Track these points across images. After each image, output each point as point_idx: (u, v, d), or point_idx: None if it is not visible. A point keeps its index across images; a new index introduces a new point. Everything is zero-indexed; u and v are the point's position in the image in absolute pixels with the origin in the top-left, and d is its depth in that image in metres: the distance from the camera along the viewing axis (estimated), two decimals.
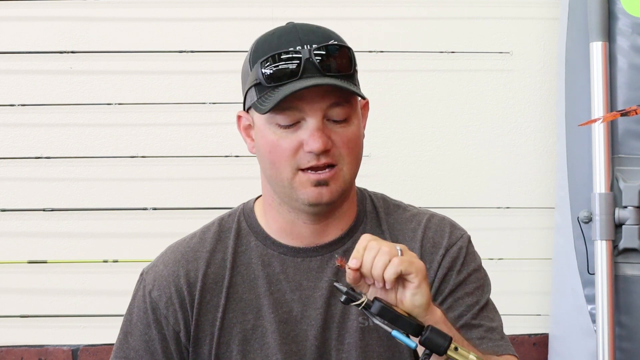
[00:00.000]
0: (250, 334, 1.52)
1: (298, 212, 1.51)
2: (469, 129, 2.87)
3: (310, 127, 1.44)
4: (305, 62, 1.43)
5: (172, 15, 2.77)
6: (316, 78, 1.43)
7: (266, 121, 1.47)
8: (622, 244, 2.58)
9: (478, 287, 1.56)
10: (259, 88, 1.46)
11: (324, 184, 1.45)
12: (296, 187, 1.46)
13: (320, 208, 1.48)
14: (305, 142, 1.44)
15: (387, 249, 1.31)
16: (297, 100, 1.43)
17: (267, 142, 1.47)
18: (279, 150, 1.46)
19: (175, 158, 2.75)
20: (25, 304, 2.73)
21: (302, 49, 1.44)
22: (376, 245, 1.32)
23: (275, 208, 1.53)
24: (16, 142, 2.73)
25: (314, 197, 1.46)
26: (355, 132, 1.48)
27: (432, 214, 1.61)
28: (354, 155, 1.48)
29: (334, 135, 1.45)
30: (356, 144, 1.48)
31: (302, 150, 1.45)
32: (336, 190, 1.47)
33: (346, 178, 1.47)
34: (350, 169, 1.48)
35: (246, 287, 1.53)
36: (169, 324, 1.53)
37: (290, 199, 1.48)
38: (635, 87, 2.59)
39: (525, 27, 2.87)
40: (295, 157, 1.45)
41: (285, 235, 1.54)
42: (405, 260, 1.31)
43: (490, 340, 1.51)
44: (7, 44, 2.72)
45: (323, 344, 1.52)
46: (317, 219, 1.52)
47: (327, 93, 1.44)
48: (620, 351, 2.57)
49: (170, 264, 1.55)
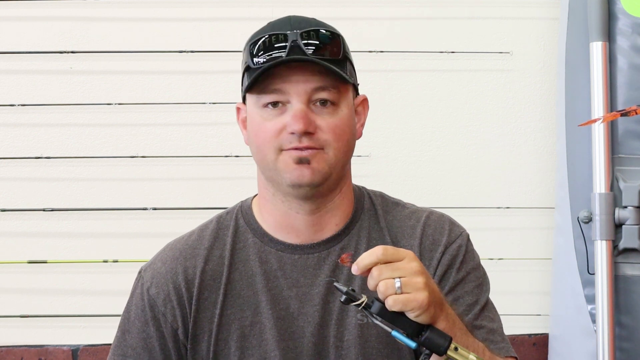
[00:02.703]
0: (248, 331, 1.52)
1: (291, 199, 1.51)
2: (469, 129, 2.87)
3: (293, 109, 1.45)
4: (291, 45, 1.45)
5: (172, 15, 2.77)
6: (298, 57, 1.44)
7: (254, 105, 1.48)
8: (622, 244, 2.58)
9: (477, 285, 1.56)
10: (249, 72, 1.48)
11: (306, 162, 1.45)
12: (280, 169, 1.47)
13: (304, 191, 1.48)
14: (287, 123, 1.45)
15: (384, 289, 1.27)
16: (282, 82, 1.45)
17: (254, 125, 1.49)
18: (263, 132, 1.47)
19: (175, 158, 2.75)
20: (25, 304, 2.73)
21: (290, 32, 1.46)
22: (377, 275, 1.28)
23: (269, 200, 1.54)
24: (16, 142, 2.74)
25: (295, 176, 1.45)
26: (344, 119, 1.48)
27: (430, 211, 1.61)
28: (342, 142, 1.48)
29: (320, 120, 1.46)
30: (343, 130, 1.48)
31: (286, 132, 1.45)
32: (318, 171, 1.46)
33: (331, 161, 1.47)
34: (336, 154, 1.47)
35: (244, 284, 1.53)
36: (167, 321, 1.53)
37: (276, 183, 1.49)
38: (635, 87, 2.59)
39: (525, 27, 2.87)
40: (278, 137, 1.46)
41: (282, 231, 1.54)
42: (399, 301, 1.28)
43: (492, 342, 1.51)
44: (7, 44, 2.72)
45: (321, 340, 1.52)
46: (308, 208, 1.52)
47: (313, 76, 1.45)
48: (620, 351, 2.57)
49: (168, 261, 1.56)
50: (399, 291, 1.28)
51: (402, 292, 1.28)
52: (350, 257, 1.33)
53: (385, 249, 1.30)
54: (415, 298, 1.28)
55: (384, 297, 1.28)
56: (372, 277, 1.29)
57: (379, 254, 1.29)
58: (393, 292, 1.28)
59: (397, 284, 1.28)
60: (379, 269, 1.28)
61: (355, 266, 1.30)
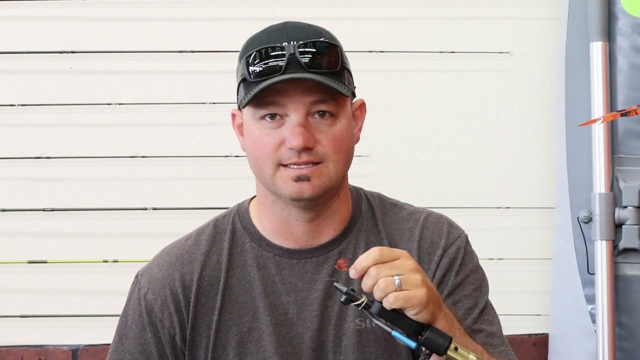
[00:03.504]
0: (246, 337, 1.52)
1: (290, 207, 1.50)
2: (469, 129, 2.87)
3: (292, 124, 1.44)
4: (289, 58, 1.43)
5: (172, 15, 2.77)
6: (298, 73, 1.42)
7: (252, 117, 1.47)
8: (622, 244, 2.58)
9: (476, 288, 1.56)
10: (245, 84, 1.47)
11: (305, 179, 1.45)
12: (277, 183, 1.46)
13: (304, 203, 1.48)
14: (286, 138, 1.44)
15: (384, 285, 1.27)
16: (280, 96, 1.43)
17: (252, 138, 1.48)
18: (261, 146, 1.46)
19: (175, 158, 2.75)
20: (25, 304, 2.73)
21: (287, 45, 1.44)
22: (375, 274, 1.29)
23: (269, 207, 1.53)
24: (16, 142, 2.73)
25: (294, 192, 1.45)
26: (342, 131, 1.47)
27: (429, 213, 1.60)
28: (342, 154, 1.47)
29: (319, 134, 1.45)
30: (343, 142, 1.47)
31: (284, 147, 1.44)
32: (319, 186, 1.45)
33: (331, 176, 1.46)
34: (336, 167, 1.47)
35: (242, 289, 1.53)
36: (164, 327, 1.52)
37: (275, 194, 1.49)
38: (635, 87, 2.59)
39: (525, 27, 2.87)
40: (277, 152, 1.45)
41: (280, 236, 1.54)
42: (400, 297, 1.28)
43: (492, 346, 1.51)
44: (7, 44, 2.72)
45: (319, 346, 1.52)
46: (308, 215, 1.51)
47: (310, 89, 1.44)
48: (620, 351, 2.57)
49: (165, 266, 1.55)
50: (398, 288, 1.28)
51: (402, 289, 1.28)
52: (347, 262, 1.33)
53: (381, 250, 1.30)
54: (416, 294, 1.28)
55: (385, 294, 1.27)
56: (369, 276, 1.28)
57: (376, 255, 1.29)
58: (393, 289, 1.27)
59: (396, 281, 1.28)
60: (377, 268, 1.28)
61: (352, 270, 1.29)
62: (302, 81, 1.43)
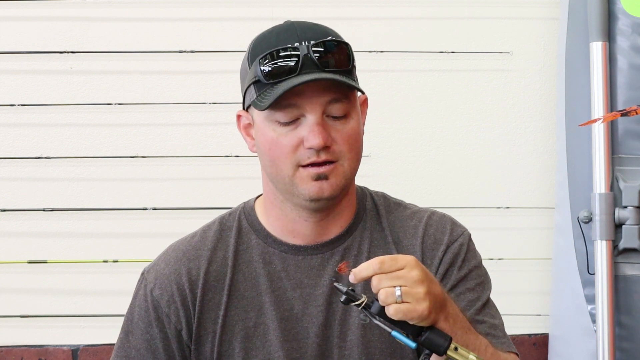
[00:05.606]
0: (252, 332, 1.52)
1: (300, 209, 1.51)
2: (469, 129, 2.87)
3: (310, 123, 1.44)
4: (303, 58, 1.44)
5: (172, 15, 2.77)
6: (315, 73, 1.43)
7: (266, 119, 1.47)
8: (622, 244, 2.58)
9: (479, 283, 1.57)
10: (258, 85, 1.47)
11: (324, 178, 1.45)
12: (297, 183, 1.46)
13: (322, 203, 1.49)
14: (305, 138, 1.44)
15: (384, 297, 1.28)
16: (296, 96, 1.44)
17: (267, 139, 1.48)
18: (279, 148, 1.46)
19: (175, 158, 2.75)
20: (25, 304, 2.73)
21: (300, 45, 1.45)
22: (375, 284, 1.29)
23: (277, 206, 1.54)
24: (16, 142, 2.73)
25: (314, 191, 1.46)
26: (355, 128, 1.48)
27: (432, 212, 1.61)
28: (355, 151, 1.49)
29: (334, 132, 1.46)
30: (356, 139, 1.49)
31: (302, 147, 1.45)
32: (337, 185, 1.47)
33: (347, 174, 1.48)
34: (350, 164, 1.48)
35: (248, 285, 1.53)
36: (170, 322, 1.53)
37: (291, 195, 1.49)
38: (635, 87, 2.59)
39: (525, 27, 2.87)
40: (296, 153, 1.45)
41: (286, 234, 1.54)
42: (400, 310, 1.28)
43: (494, 337, 1.52)
44: (7, 44, 2.72)
45: (325, 341, 1.52)
46: (318, 215, 1.52)
47: (326, 89, 1.44)
48: (620, 351, 2.57)
49: (171, 262, 1.55)
50: (399, 300, 1.28)
51: (403, 302, 1.28)
52: (348, 265, 1.33)
53: (382, 261, 1.30)
54: (416, 309, 1.28)
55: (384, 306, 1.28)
56: (372, 285, 1.29)
57: (376, 267, 1.29)
58: (393, 301, 1.28)
59: (397, 292, 1.28)
60: (379, 278, 1.29)
61: (352, 275, 1.30)
62: (318, 81, 1.43)
